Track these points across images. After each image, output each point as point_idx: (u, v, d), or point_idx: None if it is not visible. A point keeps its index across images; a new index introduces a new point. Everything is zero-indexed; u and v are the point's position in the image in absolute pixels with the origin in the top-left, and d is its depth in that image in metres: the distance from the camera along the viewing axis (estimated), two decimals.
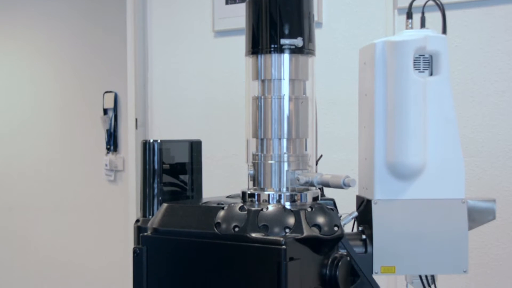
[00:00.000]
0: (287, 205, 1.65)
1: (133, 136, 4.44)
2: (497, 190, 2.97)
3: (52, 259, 6.19)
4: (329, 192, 1.85)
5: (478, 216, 1.82)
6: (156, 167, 1.89)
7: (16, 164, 6.44)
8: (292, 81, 1.73)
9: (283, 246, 1.50)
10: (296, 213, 1.58)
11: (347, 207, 1.90)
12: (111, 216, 5.76)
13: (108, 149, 5.80)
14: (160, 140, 1.90)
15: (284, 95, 1.72)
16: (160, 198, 1.90)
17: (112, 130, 5.77)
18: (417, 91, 1.74)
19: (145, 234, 1.70)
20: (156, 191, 1.89)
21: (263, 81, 1.75)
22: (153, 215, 1.83)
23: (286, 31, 1.70)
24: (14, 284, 6.43)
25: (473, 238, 1.79)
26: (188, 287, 1.63)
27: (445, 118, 1.78)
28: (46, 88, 6.21)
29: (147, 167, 1.90)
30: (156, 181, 1.90)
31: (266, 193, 1.69)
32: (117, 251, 5.57)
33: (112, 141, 5.77)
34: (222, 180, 3.89)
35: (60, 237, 6.15)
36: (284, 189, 1.71)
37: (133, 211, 4.41)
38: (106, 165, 5.82)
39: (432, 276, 1.84)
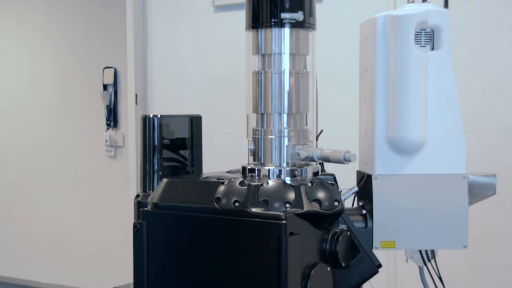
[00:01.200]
0: (288, 180, 1.64)
1: (133, 111, 4.43)
2: (498, 165, 2.97)
3: (52, 235, 6.21)
4: (329, 167, 1.85)
5: (478, 191, 1.82)
6: (156, 142, 1.89)
7: (15, 140, 6.44)
8: (292, 55, 1.72)
9: (283, 221, 1.50)
10: (296, 188, 1.58)
11: (347, 182, 1.90)
12: (111, 191, 5.77)
13: (108, 125, 5.79)
14: (160, 115, 1.90)
15: (284, 69, 1.71)
16: (160, 173, 1.89)
17: (112, 106, 5.76)
18: (418, 66, 1.73)
19: (145, 209, 1.70)
20: (156, 166, 1.89)
21: (263, 55, 1.74)
22: (153, 190, 1.83)
23: (287, 5, 1.69)
24: (14, 259, 6.46)
25: (472, 214, 1.79)
26: (188, 261, 1.63)
27: (446, 93, 1.77)
28: (45, 64, 6.19)
29: (147, 142, 1.89)
30: (156, 156, 1.90)
31: (267, 168, 1.69)
32: (117, 226, 5.59)
33: (112, 117, 5.76)
34: (222, 156, 3.89)
35: (60, 212, 6.16)
36: (285, 164, 1.70)
37: (133, 187, 4.41)
38: (106, 141, 5.82)
39: (432, 251, 1.84)
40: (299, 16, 1.69)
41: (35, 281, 6.26)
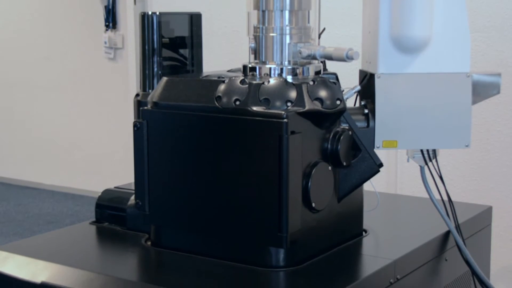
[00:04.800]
0: (289, 78, 1.62)
1: (132, 11, 4.35)
2: (502, 66, 2.94)
3: (53, 137, 6.23)
4: (331, 66, 1.82)
5: (482, 90, 1.80)
6: (155, 40, 1.85)
7: (15, 41, 6.37)
8: None
9: (285, 120, 1.49)
10: (298, 87, 1.56)
11: (349, 82, 1.88)
12: (111, 94, 5.75)
13: (107, 26, 5.71)
14: (159, 12, 1.85)
15: None
16: (160, 72, 1.87)
17: (110, 7, 5.67)
18: None
19: (145, 108, 1.68)
20: (155, 65, 1.86)
21: None
22: (153, 89, 1.81)
23: None
24: (15, 160, 6.51)
25: (474, 115, 1.77)
26: (188, 160, 1.62)
27: None
28: None
29: (146, 40, 1.85)
30: (155, 54, 1.87)
31: (268, 66, 1.66)
32: (117, 128, 5.60)
33: (111, 18, 5.67)
34: (222, 56, 3.84)
35: (60, 114, 6.16)
36: (286, 63, 1.67)
37: (133, 89, 4.39)
38: (105, 42, 5.75)
39: (434, 151, 1.84)
40: None
41: (38, 183, 6.33)
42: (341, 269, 1.62)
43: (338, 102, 1.60)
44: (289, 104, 1.54)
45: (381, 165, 1.72)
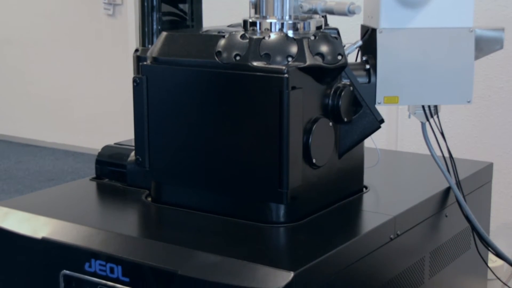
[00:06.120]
0: (290, 33, 1.60)
1: None
2: (506, 21, 2.90)
3: (52, 94, 6.21)
4: (333, 21, 1.80)
5: (485, 46, 1.78)
6: None
7: None
8: None
9: (285, 75, 1.48)
10: (299, 42, 1.54)
11: (351, 37, 1.86)
12: (111, 50, 5.71)
13: None
14: None
15: None
16: (159, 27, 1.85)
17: None
18: None
19: (145, 63, 1.66)
20: (155, 19, 1.84)
21: None
22: (152, 44, 1.79)
23: None
24: (15, 118, 6.50)
25: (475, 72, 1.76)
26: (188, 116, 1.61)
27: None
28: None
29: None
30: (155, 10, 1.85)
31: (268, 21, 1.64)
32: (117, 84, 5.57)
33: None
34: (223, 11, 3.80)
35: (59, 71, 6.13)
36: (287, 17, 1.65)
37: (132, 45, 4.37)
38: None
39: (435, 107, 1.83)
40: None
41: (39, 140, 6.33)
42: (341, 225, 1.63)
43: (339, 57, 1.59)
44: (289, 59, 1.52)
45: (382, 121, 1.71)
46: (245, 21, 1.68)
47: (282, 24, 1.62)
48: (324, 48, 1.56)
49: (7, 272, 1.65)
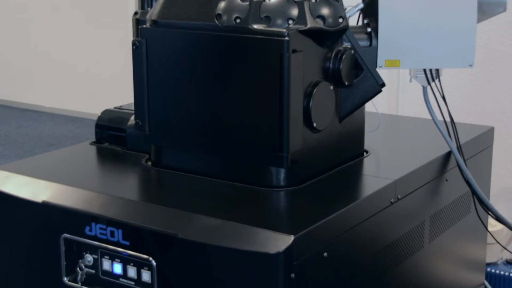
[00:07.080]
0: None
1: None
2: None
3: (50, 58, 6.19)
4: None
5: (487, 8, 1.76)
6: None
7: None
8: None
9: (286, 38, 1.46)
10: (299, 4, 1.53)
11: (352, 0, 1.84)
12: (110, 13, 5.67)
13: None
14: None
15: None
16: None
17: None
18: None
19: (144, 26, 1.65)
20: None
21: None
22: (151, 7, 1.77)
23: None
24: (14, 83, 6.48)
25: (477, 35, 1.74)
26: (188, 79, 1.60)
27: None
28: None
29: None
30: None
31: None
32: (116, 48, 5.55)
33: None
34: None
35: (57, 35, 6.10)
36: None
37: (131, 8, 4.33)
38: None
39: (437, 70, 1.81)
40: None
41: (38, 105, 6.32)
42: (341, 189, 1.63)
43: (340, 20, 1.57)
44: (290, 22, 1.51)
45: (383, 84, 1.70)
46: None
47: None
48: (325, 11, 1.55)
49: (7, 236, 1.65)
